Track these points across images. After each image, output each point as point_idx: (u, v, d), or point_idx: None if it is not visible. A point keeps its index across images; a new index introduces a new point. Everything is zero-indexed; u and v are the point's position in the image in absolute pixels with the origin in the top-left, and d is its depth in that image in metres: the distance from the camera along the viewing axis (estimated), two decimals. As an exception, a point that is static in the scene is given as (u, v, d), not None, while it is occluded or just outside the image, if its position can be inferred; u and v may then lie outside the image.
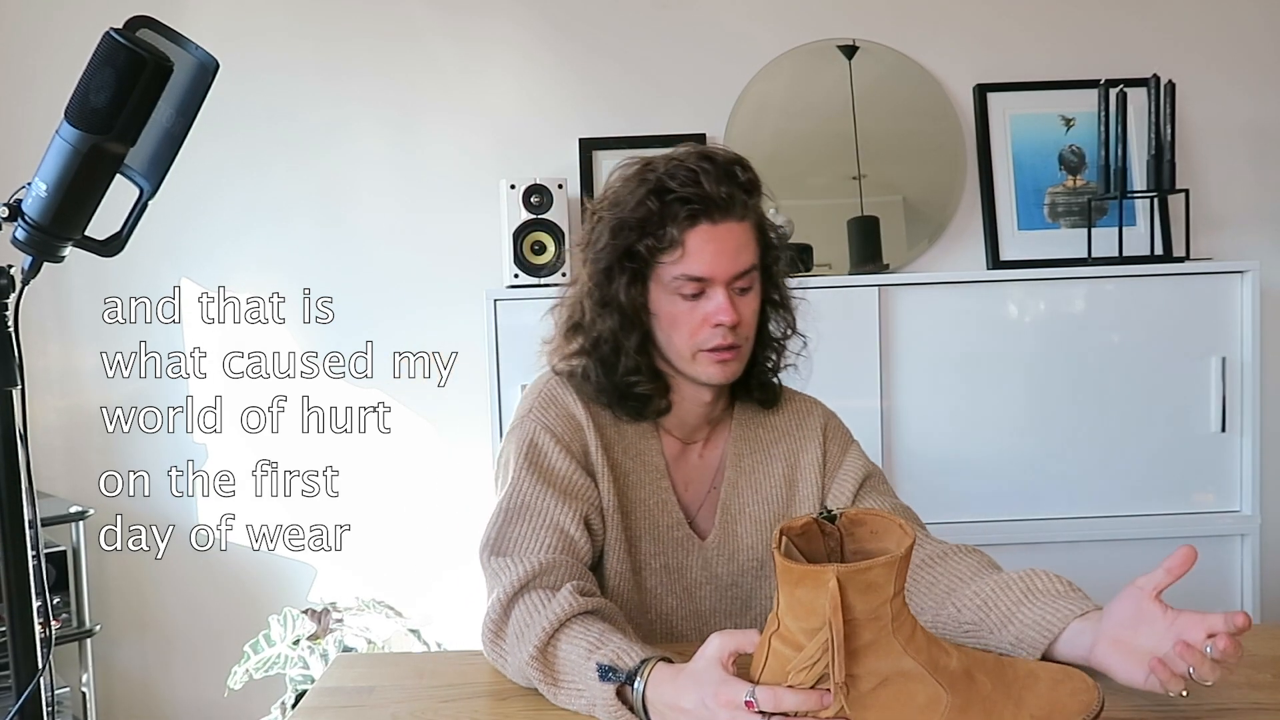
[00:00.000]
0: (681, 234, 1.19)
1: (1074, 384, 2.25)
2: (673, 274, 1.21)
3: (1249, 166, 2.53)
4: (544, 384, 1.30)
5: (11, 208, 0.95)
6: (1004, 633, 1.09)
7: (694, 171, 1.19)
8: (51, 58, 2.43)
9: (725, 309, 1.19)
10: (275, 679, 2.16)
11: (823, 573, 0.85)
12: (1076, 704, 0.92)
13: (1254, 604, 2.23)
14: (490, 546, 1.18)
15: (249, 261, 2.51)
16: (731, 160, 1.23)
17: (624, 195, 1.23)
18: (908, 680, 0.90)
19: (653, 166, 1.23)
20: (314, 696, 1.12)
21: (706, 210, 1.19)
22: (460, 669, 1.17)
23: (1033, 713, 0.91)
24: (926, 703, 0.90)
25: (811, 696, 0.88)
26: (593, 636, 1.04)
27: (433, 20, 2.49)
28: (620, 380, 1.25)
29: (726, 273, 1.20)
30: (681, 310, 1.22)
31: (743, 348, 1.24)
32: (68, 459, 2.52)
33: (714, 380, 1.24)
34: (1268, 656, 1.13)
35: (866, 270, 2.39)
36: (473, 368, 2.43)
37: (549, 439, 1.24)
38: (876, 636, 0.89)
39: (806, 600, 0.87)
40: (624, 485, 1.27)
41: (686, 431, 1.32)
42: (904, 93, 2.50)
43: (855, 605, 0.87)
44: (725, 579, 1.30)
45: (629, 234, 1.21)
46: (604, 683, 0.98)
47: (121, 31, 0.89)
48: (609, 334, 1.24)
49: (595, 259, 1.24)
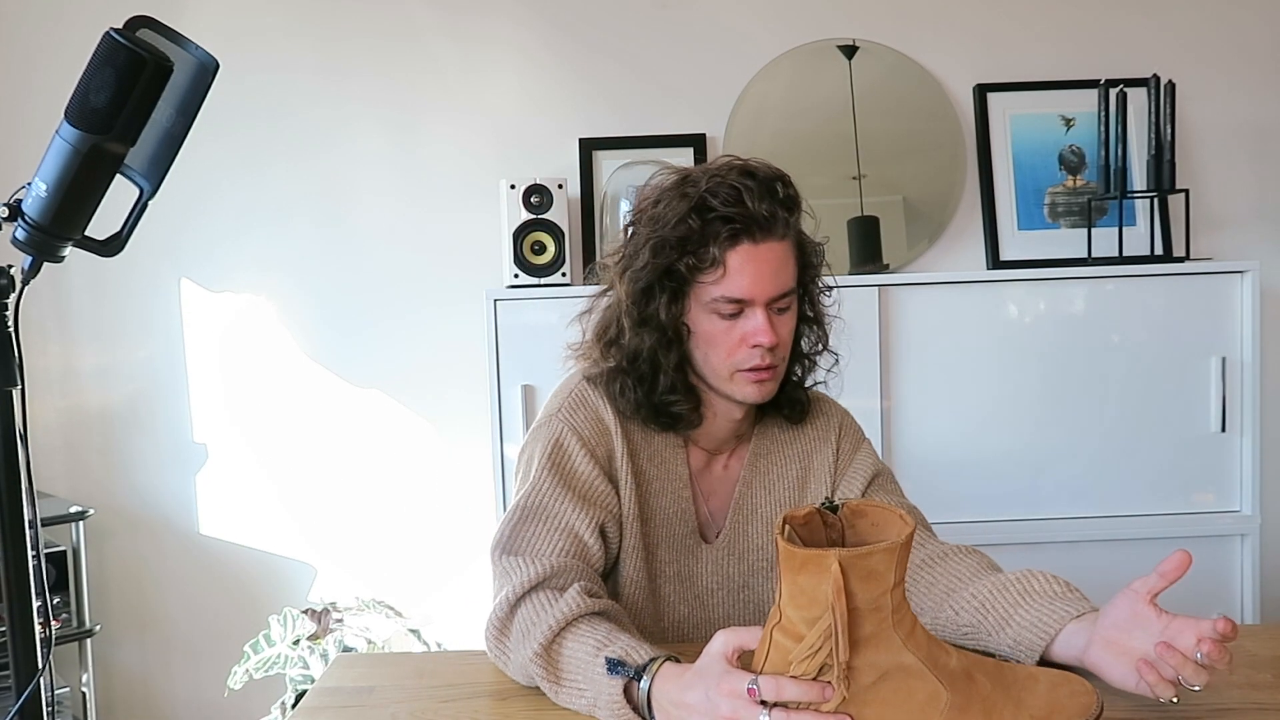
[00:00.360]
0: (723, 254, 1.17)
1: (1074, 384, 2.25)
2: (712, 294, 1.19)
3: (1249, 166, 2.53)
4: (575, 385, 1.29)
5: (11, 208, 0.95)
6: (1002, 635, 1.09)
7: (736, 189, 1.17)
8: (51, 58, 2.43)
9: (764, 330, 1.18)
10: (275, 679, 2.16)
11: (825, 556, 0.86)
12: (1076, 705, 0.92)
13: (1254, 604, 2.23)
14: (503, 545, 1.18)
15: (249, 261, 2.51)
16: (773, 177, 1.21)
17: (664, 211, 1.20)
18: (908, 675, 0.90)
19: (693, 181, 1.20)
20: (314, 696, 1.12)
21: (748, 230, 1.17)
22: (460, 669, 1.17)
23: (1032, 713, 0.91)
24: (926, 699, 0.90)
25: (813, 688, 0.88)
26: (600, 635, 1.04)
27: (433, 20, 2.49)
28: (659, 399, 1.24)
29: (766, 294, 1.19)
30: (720, 329, 1.21)
31: (779, 368, 1.23)
32: (68, 459, 2.52)
33: (750, 400, 1.23)
34: (1268, 656, 1.13)
35: (867, 270, 2.39)
36: (473, 368, 2.44)
37: (574, 441, 1.23)
38: (877, 629, 0.89)
39: (808, 588, 0.87)
40: (646, 493, 1.27)
41: (715, 444, 1.32)
42: (904, 93, 2.50)
43: (857, 592, 0.87)
44: (737, 580, 1.30)
45: (670, 253, 1.19)
46: (612, 676, 0.98)
47: (121, 31, 0.89)
48: (648, 352, 1.22)
49: (634, 277, 1.22)
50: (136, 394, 2.52)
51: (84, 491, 2.50)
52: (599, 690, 1.00)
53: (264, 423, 2.54)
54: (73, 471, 2.52)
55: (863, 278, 2.27)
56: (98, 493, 2.50)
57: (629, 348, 1.24)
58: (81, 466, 2.52)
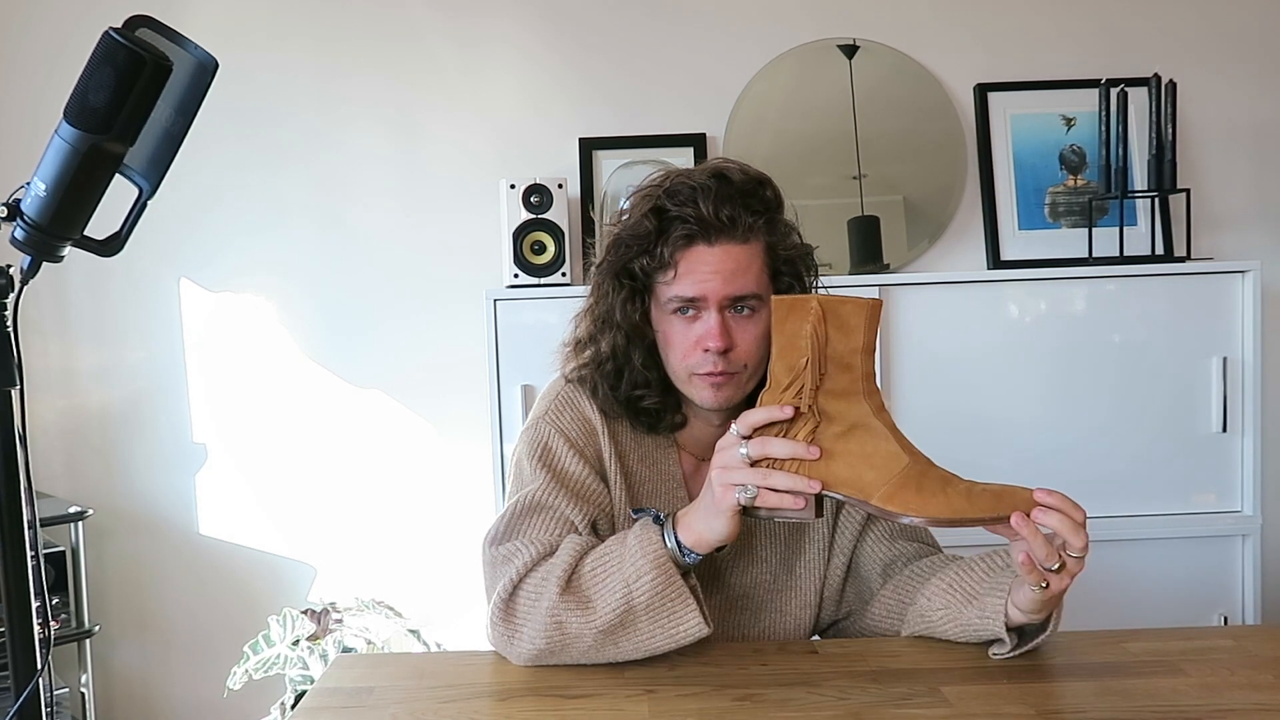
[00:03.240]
0: (674, 255, 1.17)
1: (1075, 384, 2.25)
2: (666, 295, 1.20)
3: (1249, 166, 2.53)
4: (559, 388, 1.30)
5: (10, 207, 0.95)
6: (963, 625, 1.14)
7: (694, 191, 1.17)
8: (51, 58, 2.43)
9: (714, 334, 1.16)
10: (275, 679, 2.16)
11: (808, 299, 1.04)
12: (1026, 494, 1.00)
13: (1254, 604, 2.23)
14: (496, 538, 1.19)
15: (248, 261, 2.51)
16: (748, 180, 1.20)
17: (631, 210, 1.23)
18: (873, 435, 1.03)
19: (658, 185, 1.21)
20: (313, 697, 1.12)
21: (703, 232, 1.17)
22: (460, 669, 1.17)
23: (986, 488, 1.00)
24: (888, 458, 1.02)
25: (798, 447, 1.02)
26: (613, 537, 1.14)
27: (433, 20, 2.49)
28: (626, 395, 1.25)
29: (719, 295, 1.17)
30: (677, 330, 1.21)
31: (739, 375, 1.20)
32: (67, 459, 2.52)
33: (707, 404, 1.22)
34: (1268, 657, 1.13)
35: (867, 270, 2.39)
36: (472, 368, 2.43)
37: (562, 442, 1.24)
38: (849, 388, 1.04)
39: (794, 334, 1.03)
40: (638, 492, 1.27)
41: (702, 450, 1.31)
42: (904, 93, 2.50)
43: (831, 338, 1.03)
44: (736, 590, 1.29)
45: (625, 251, 1.21)
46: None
47: (121, 31, 0.89)
48: (613, 350, 1.24)
49: (600, 275, 1.25)
50: (136, 394, 2.52)
51: (83, 492, 2.50)
52: (632, 549, 1.08)
53: (263, 423, 2.54)
54: (72, 472, 2.52)
55: (863, 278, 2.27)
56: (97, 493, 2.50)
57: (597, 346, 1.26)
58: (81, 467, 2.52)
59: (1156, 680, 1.06)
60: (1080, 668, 1.10)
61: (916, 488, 1.00)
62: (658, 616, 1.07)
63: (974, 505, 0.99)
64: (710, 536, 1.08)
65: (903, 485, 1.00)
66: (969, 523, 0.99)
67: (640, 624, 1.07)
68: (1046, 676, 1.08)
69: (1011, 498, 0.99)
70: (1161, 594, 2.23)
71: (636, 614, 1.07)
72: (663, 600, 1.07)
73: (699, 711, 1.01)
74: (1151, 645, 1.16)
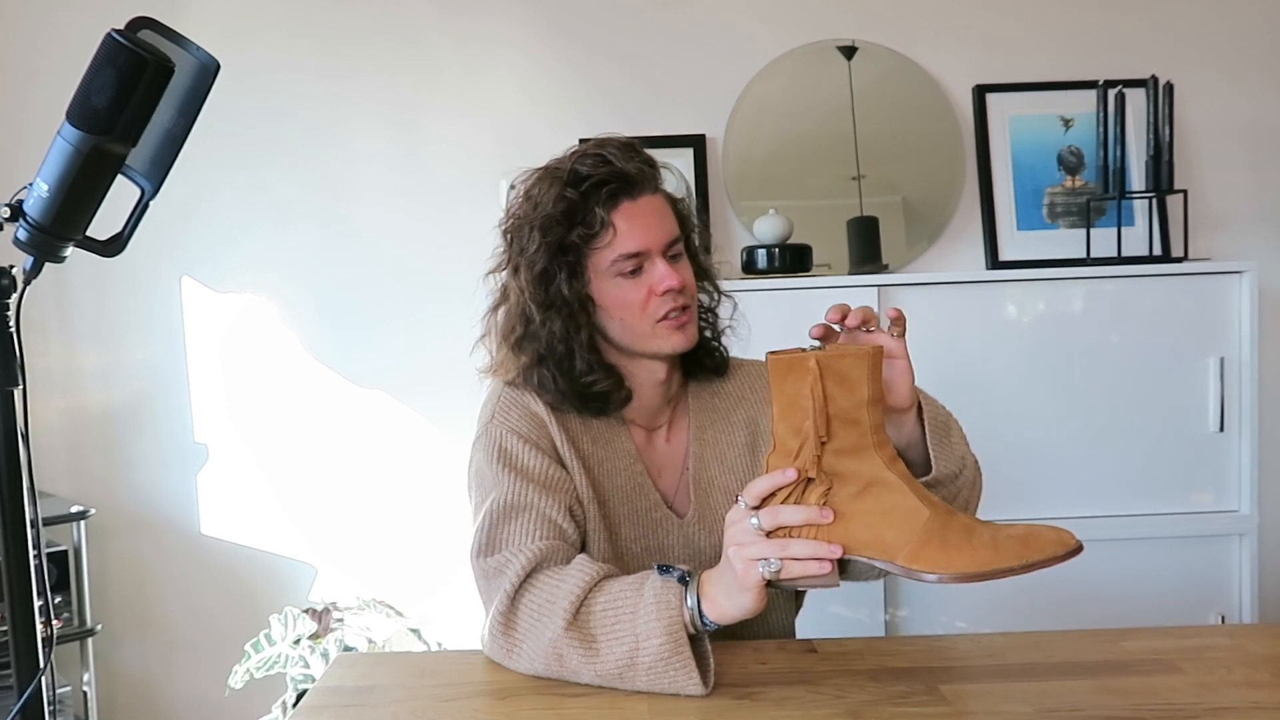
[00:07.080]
0: (608, 215, 1.22)
1: (1072, 384, 2.25)
2: (609, 258, 1.23)
3: (1247, 167, 2.53)
4: (499, 392, 1.31)
5: (13, 208, 0.95)
6: None
7: (601, 155, 1.23)
8: (52, 59, 2.43)
9: (670, 274, 1.22)
10: (276, 678, 2.17)
11: (805, 357, 0.97)
12: (1053, 536, 0.95)
13: (1252, 604, 2.24)
14: (482, 549, 1.19)
15: (250, 261, 2.52)
16: (627, 142, 1.26)
17: (540, 196, 1.24)
18: (889, 490, 0.97)
19: (557, 165, 1.25)
20: (315, 696, 1.12)
21: (626, 188, 1.23)
22: (461, 668, 1.17)
23: (1010, 533, 0.95)
24: (908, 513, 0.96)
25: (811, 511, 0.97)
26: (630, 579, 1.09)
27: (433, 20, 2.50)
28: (579, 382, 1.26)
29: (659, 242, 1.23)
30: (627, 291, 1.24)
31: (692, 308, 1.27)
32: (69, 458, 2.52)
33: (678, 348, 1.26)
34: (1266, 656, 1.13)
35: (866, 270, 2.39)
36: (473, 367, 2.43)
37: (517, 440, 1.25)
38: (858, 443, 0.98)
39: (794, 394, 0.97)
40: (598, 474, 1.28)
41: (649, 417, 1.33)
42: (904, 93, 2.51)
43: (834, 396, 0.96)
44: (709, 554, 1.31)
45: (558, 228, 1.22)
46: (663, 575, 1.06)
47: (123, 32, 0.89)
48: (560, 334, 1.25)
49: (530, 263, 1.24)
50: (138, 394, 2.52)
51: (85, 491, 2.51)
52: (645, 618, 1.04)
53: (265, 422, 2.54)
54: (74, 471, 2.52)
55: (862, 278, 2.27)
56: (99, 492, 2.51)
57: (541, 336, 1.26)
58: (83, 466, 2.52)
59: (1154, 679, 1.06)
60: (1078, 666, 1.10)
61: (940, 543, 0.95)
62: (658, 679, 1.05)
63: (1000, 555, 0.94)
64: (736, 613, 1.04)
65: (926, 542, 0.95)
66: (999, 574, 0.94)
67: (639, 679, 1.06)
68: (1044, 675, 1.08)
69: (1039, 540, 0.94)
70: (1159, 593, 2.23)
71: (637, 670, 1.06)
72: (666, 666, 1.04)
73: (699, 710, 1.02)
74: (1149, 644, 1.17)
